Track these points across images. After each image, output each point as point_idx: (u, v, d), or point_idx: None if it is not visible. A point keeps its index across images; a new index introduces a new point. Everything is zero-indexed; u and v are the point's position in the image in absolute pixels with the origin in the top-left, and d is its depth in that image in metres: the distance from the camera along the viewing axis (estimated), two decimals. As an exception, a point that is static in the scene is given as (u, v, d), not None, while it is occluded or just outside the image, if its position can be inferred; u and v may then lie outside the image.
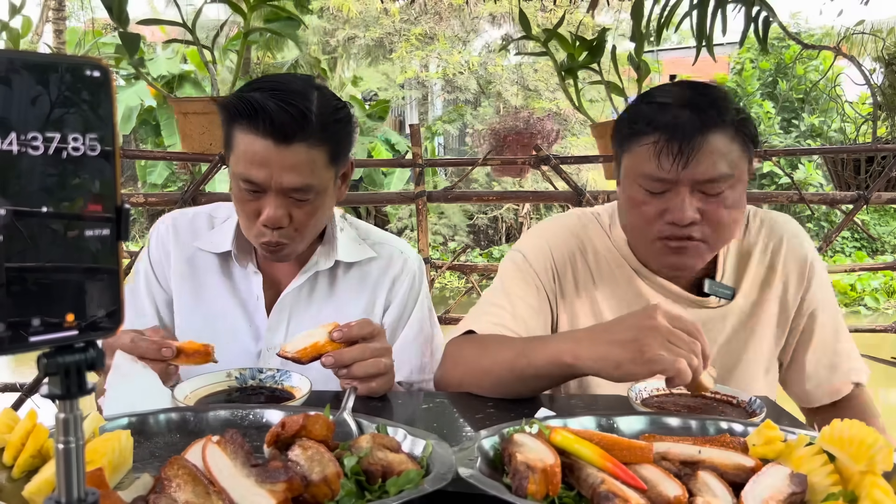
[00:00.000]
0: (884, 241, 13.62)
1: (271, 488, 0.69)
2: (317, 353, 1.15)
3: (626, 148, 1.32)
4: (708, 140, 1.23)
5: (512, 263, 1.47)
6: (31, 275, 0.42)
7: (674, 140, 1.23)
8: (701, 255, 1.31)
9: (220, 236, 1.48)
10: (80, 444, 0.45)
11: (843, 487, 0.75)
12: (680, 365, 1.00)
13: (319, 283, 1.48)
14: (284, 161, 1.27)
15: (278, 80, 1.32)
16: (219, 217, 1.53)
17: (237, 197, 1.34)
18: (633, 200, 1.31)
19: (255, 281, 1.47)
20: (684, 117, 1.23)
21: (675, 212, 1.25)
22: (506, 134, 3.36)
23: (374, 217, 15.11)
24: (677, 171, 1.23)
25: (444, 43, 15.08)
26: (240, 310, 1.46)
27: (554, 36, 3.03)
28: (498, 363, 1.23)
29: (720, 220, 1.27)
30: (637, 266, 1.42)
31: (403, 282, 1.52)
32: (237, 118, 1.29)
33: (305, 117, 1.26)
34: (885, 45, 3.45)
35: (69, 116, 0.44)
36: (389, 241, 1.57)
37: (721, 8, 2.72)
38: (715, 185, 1.25)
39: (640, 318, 1.07)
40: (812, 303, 1.44)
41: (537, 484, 0.73)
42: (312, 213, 1.34)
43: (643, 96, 1.35)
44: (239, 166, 1.30)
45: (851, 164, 3.18)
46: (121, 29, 2.65)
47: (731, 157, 1.25)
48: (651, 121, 1.26)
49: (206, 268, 1.48)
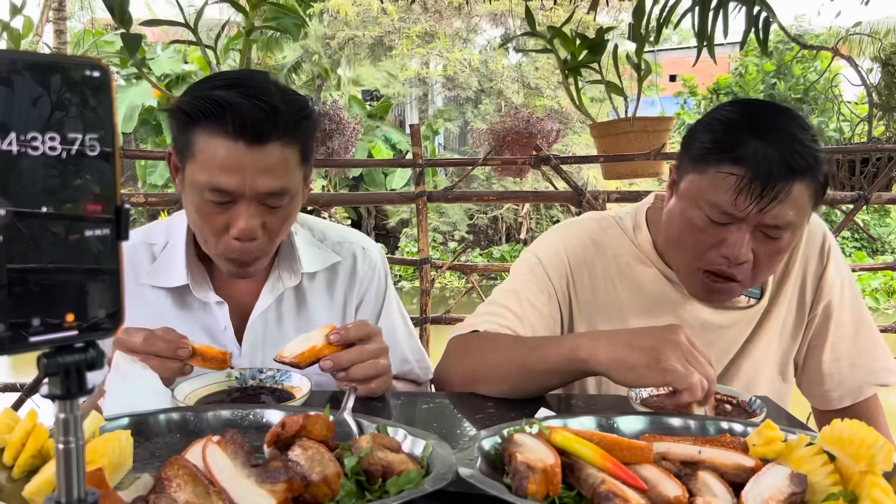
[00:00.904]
0: (884, 241, 13.62)
1: (271, 488, 0.69)
2: (315, 358, 1.14)
3: (700, 169, 1.23)
4: (791, 187, 1.17)
5: (525, 265, 1.44)
6: (31, 275, 0.42)
7: (758, 181, 1.16)
8: (734, 295, 1.30)
9: (166, 268, 1.34)
10: (80, 444, 0.45)
11: (843, 487, 0.75)
12: (692, 380, 0.99)
13: (286, 300, 1.40)
14: (258, 163, 1.17)
15: (237, 75, 1.22)
16: (157, 243, 1.38)
17: (200, 211, 1.21)
18: (690, 223, 1.25)
19: (218, 311, 1.36)
20: (774, 158, 1.16)
21: (731, 248, 1.21)
22: (504, 134, 3.35)
23: (374, 217, 15.11)
24: (750, 212, 1.18)
25: (444, 41, 15.09)
26: (207, 341, 1.32)
27: (558, 34, 3.04)
28: (508, 359, 1.21)
29: (768, 263, 1.24)
30: (664, 269, 1.39)
31: (372, 278, 1.48)
32: (199, 120, 1.17)
33: (278, 112, 1.16)
34: (883, 46, 3.45)
35: (69, 117, 0.44)
36: (348, 237, 1.50)
37: (722, 8, 2.72)
38: (778, 231, 1.20)
39: (663, 332, 1.07)
40: (829, 290, 1.40)
41: (537, 484, 0.73)
42: (286, 219, 1.26)
43: (720, 112, 1.27)
44: (202, 175, 1.17)
45: (847, 165, 3.18)
46: (123, 30, 2.66)
47: (803, 206, 1.20)
48: (737, 153, 1.18)
49: (160, 304, 1.35)
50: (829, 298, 1.41)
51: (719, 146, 1.20)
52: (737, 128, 1.21)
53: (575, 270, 1.42)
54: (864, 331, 1.43)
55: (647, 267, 1.40)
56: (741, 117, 1.22)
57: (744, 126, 1.20)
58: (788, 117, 1.22)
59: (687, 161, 1.27)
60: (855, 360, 1.42)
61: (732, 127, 1.21)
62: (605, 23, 6.08)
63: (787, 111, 1.24)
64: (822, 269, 1.41)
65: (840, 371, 1.42)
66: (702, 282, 1.28)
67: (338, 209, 12.76)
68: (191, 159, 1.20)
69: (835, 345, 1.42)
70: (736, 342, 1.40)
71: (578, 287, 1.42)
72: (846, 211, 2.92)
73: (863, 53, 7.76)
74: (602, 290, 1.41)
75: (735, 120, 1.22)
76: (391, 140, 15.11)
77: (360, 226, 14.59)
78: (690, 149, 1.27)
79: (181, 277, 1.33)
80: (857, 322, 1.43)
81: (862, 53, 7.81)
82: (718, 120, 1.24)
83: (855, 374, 1.42)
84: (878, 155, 2.97)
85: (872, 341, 1.43)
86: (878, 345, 1.44)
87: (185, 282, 1.33)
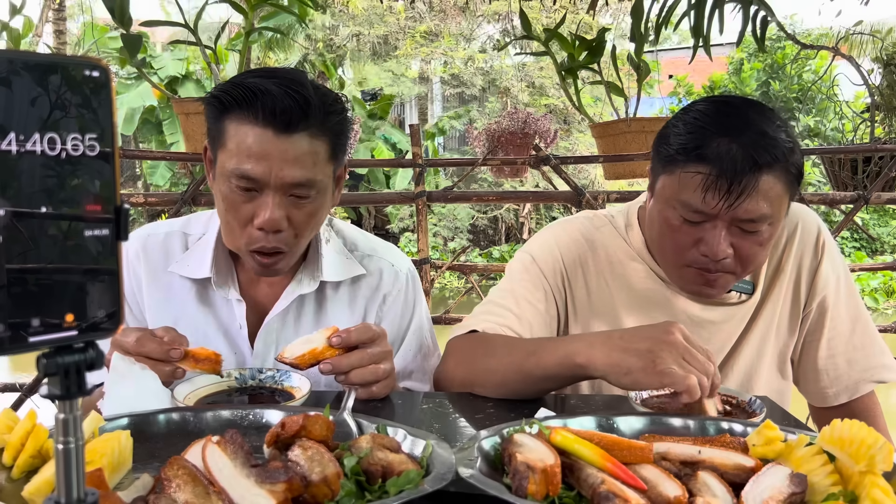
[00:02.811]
0: (883, 241, 13.63)
1: (271, 488, 0.69)
2: (315, 360, 1.13)
3: (669, 169, 1.25)
4: (758, 180, 1.17)
5: (520, 265, 1.45)
6: (30, 275, 0.42)
7: (723, 177, 1.17)
8: (727, 285, 1.30)
9: (195, 259, 1.36)
10: (80, 444, 0.45)
11: (843, 487, 0.75)
12: (690, 381, 0.99)
13: (306, 306, 1.39)
14: (286, 152, 1.17)
15: (274, 69, 1.23)
16: (193, 234, 1.40)
17: (227, 199, 1.22)
18: (667, 224, 1.27)
19: (237, 308, 1.36)
20: (738, 154, 1.17)
21: (709, 245, 1.22)
22: (500, 134, 3.35)
23: (374, 217, 15.10)
24: (720, 208, 1.19)
25: (449, 40, 15.08)
26: (221, 339, 1.36)
27: (554, 36, 3.04)
28: (504, 363, 1.21)
29: (752, 256, 1.24)
30: (655, 267, 1.40)
31: (397, 298, 1.44)
32: (232, 108, 1.18)
33: (308, 103, 1.17)
34: (884, 46, 3.45)
35: (69, 117, 0.44)
36: (378, 251, 1.47)
37: (718, 8, 2.72)
38: (754, 225, 1.21)
39: (658, 332, 1.06)
40: (824, 286, 1.40)
41: (537, 484, 0.73)
42: (313, 215, 1.25)
43: (688, 112, 1.27)
44: (232, 162, 1.19)
45: (849, 165, 3.18)
46: (123, 31, 2.66)
47: (776, 197, 1.20)
48: (702, 151, 1.19)
49: (183, 294, 1.36)
50: (823, 294, 1.40)
51: (685, 147, 1.22)
52: (701, 126, 1.22)
53: (569, 268, 1.43)
54: (861, 327, 1.42)
55: (639, 264, 1.41)
56: (706, 116, 1.24)
57: (708, 124, 1.22)
58: (756, 111, 1.23)
59: (658, 163, 1.30)
60: (851, 357, 1.41)
61: (697, 126, 1.23)
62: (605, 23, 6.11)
63: (756, 105, 1.25)
64: (817, 264, 1.41)
65: (836, 368, 1.42)
66: (690, 278, 1.29)
67: (337, 209, 12.76)
68: (221, 147, 1.21)
69: (830, 341, 1.41)
70: (730, 339, 1.40)
71: (573, 284, 1.43)
72: (846, 211, 2.92)
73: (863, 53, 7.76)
74: (595, 288, 1.42)
75: (699, 119, 1.24)
76: (391, 140, 15.10)
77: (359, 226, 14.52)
78: (660, 151, 1.28)
79: (206, 270, 1.34)
80: (853, 318, 1.42)
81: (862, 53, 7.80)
82: (684, 120, 1.26)
83: (851, 370, 1.41)
84: (880, 154, 2.97)
85: (869, 338, 1.43)
86: (874, 341, 1.43)
87: (208, 275, 1.33)
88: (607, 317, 1.41)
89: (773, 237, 1.26)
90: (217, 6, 2.86)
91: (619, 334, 1.13)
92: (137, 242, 1.39)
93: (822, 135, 13.63)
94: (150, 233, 1.41)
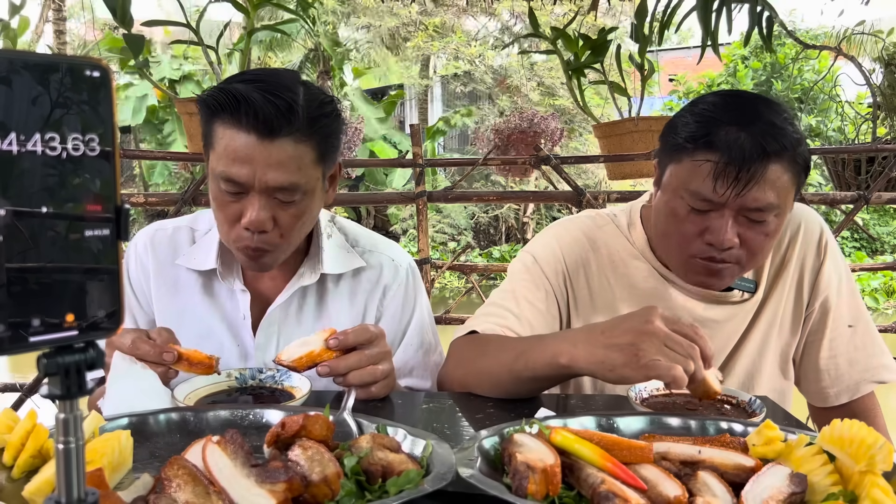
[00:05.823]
0: (883, 241, 13.62)
1: (271, 488, 0.69)
2: (312, 363, 1.13)
3: (677, 158, 1.26)
4: (766, 168, 1.18)
5: (521, 265, 1.45)
6: (31, 275, 0.42)
7: (732, 165, 1.17)
8: (732, 276, 1.30)
9: (202, 252, 1.40)
10: (80, 444, 0.45)
11: (843, 487, 0.75)
12: (675, 372, 0.98)
13: (308, 298, 1.41)
14: (269, 157, 1.19)
15: (263, 72, 1.25)
16: (200, 229, 1.45)
17: (217, 199, 1.26)
18: (674, 213, 1.27)
19: (241, 299, 1.39)
20: (746, 142, 1.17)
21: (715, 234, 1.22)
22: (510, 133, 3.35)
23: (374, 217, 15.09)
24: (728, 196, 1.20)
25: (461, 36, 15.06)
26: (225, 329, 1.39)
27: (561, 35, 3.04)
28: (496, 365, 1.22)
29: (759, 246, 1.24)
30: (657, 265, 1.40)
31: (397, 292, 1.45)
32: (218, 112, 1.21)
33: (291, 109, 1.18)
34: (885, 46, 3.45)
35: (69, 116, 0.44)
36: (380, 247, 1.48)
37: (726, 7, 2.72)
38: (761, 214, 1.21)
39: (638, 322, 1.05)
40: (826, 286, 1.40)
41: (537, 484, 0.73)
42: (298, 217, 1.26)
43: (698, 104, 1.29)
44: (219, 164, 1.21)
45: (852, 165, 3.18)
46: (124, 31, 2.66)
47: (783, 187, 1.20)
48: (710, 139, 1.20)
49: (190, 286, 1.40)
50: (826, 294, 1.41)
51: (693, 135, 1.23)
52: (711, 116, 1.23)
53: (571, 267, 1.43)
54: (862, 327, 1.43)
55: (641, 263, 1.41)
56: (715, 106, 1.25)
57: (718, 114, 1.23)
58: (764, 104, 1.24)
59: (666, 153, 1.30)
60: (852, 357, 1.42)
61: (706, 116, 1.24)
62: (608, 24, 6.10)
63: (765, 98, 1.26)
64: (820, 264, 1.41)
65: (837, 368, 1.42)
66: (695, 269, 1.29)
67: (337, 209, 12.75)
68: (211, 149, 1.25)
69: (832, 341, 1.42)
70: (732, 337, 1.40)
71: (575, 283, 1.43)
72: (846, 211, 2.92)
73: (864, 53, 7.75)
74: (597, 287, 1.42)
75: (709, 109, 1.25)
76: (391, 139, 15.07)
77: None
78: (668, 140, 1.29)
79: (212, 262, 1.37)
80: (854, 318, 1.42)
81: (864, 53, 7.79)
82: (693, 111, 1.27)
83: (852, 370, 1.42)
84: (884, 153, 2.97)
85: (870, 338, 1.43)
86: (875, 342, 1.43)
87: (214, 266, 1.37)
88: (609, 315, 1.40)
89: (779, 230, 1.26)
90: (217, 6, 2.85)
91: (601, 328, 1.11)
92: (146, 236, 1.44)
93: (823, 135, 13.62)
94: (159, 228, 1.46)
